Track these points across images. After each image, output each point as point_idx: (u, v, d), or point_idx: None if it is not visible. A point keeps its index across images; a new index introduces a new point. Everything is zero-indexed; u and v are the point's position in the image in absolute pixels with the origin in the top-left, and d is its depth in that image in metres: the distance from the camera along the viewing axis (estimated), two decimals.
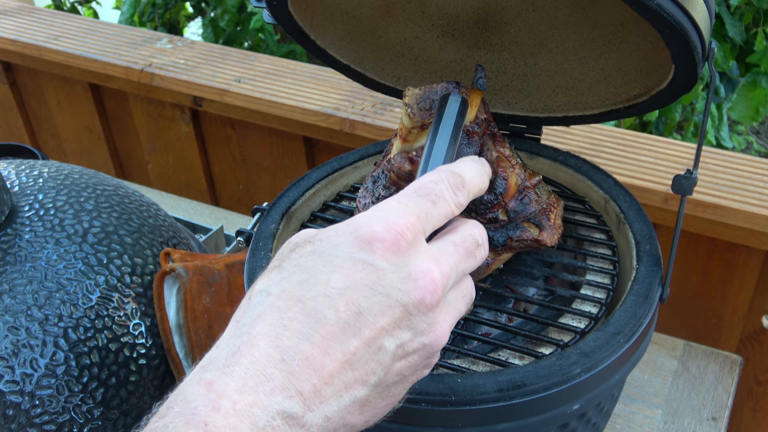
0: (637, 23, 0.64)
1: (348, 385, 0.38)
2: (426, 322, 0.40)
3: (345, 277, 0.38)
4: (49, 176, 0.78)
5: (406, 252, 0.39)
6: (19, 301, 0.67)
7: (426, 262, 0.40)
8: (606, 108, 0.73)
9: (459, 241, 0.43)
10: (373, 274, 0.38)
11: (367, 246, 0.39)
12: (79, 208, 0.75)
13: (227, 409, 0.34)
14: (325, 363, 0.37)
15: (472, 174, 0.46)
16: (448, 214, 0.43)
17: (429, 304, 0.39)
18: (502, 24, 0.73)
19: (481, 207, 0.62)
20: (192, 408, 0.34)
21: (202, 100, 1.32)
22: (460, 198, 0.44)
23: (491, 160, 0.63)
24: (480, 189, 0.47)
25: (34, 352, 0.65)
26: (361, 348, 0.38)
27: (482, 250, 0.45)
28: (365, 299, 0.38)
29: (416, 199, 0.42)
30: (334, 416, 0.38)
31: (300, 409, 0.36)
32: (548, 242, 0.63)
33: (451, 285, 0.41)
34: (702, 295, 1.08)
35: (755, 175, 1.01)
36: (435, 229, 0.43)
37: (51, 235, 0.71)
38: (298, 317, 0.37)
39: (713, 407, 0.87)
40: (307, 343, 0.37)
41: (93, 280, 0.70)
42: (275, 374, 0.36)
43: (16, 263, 0.68)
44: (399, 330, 0.39)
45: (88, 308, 0.69)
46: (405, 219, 0.40)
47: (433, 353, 0.41)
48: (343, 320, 0.37)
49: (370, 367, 0.38)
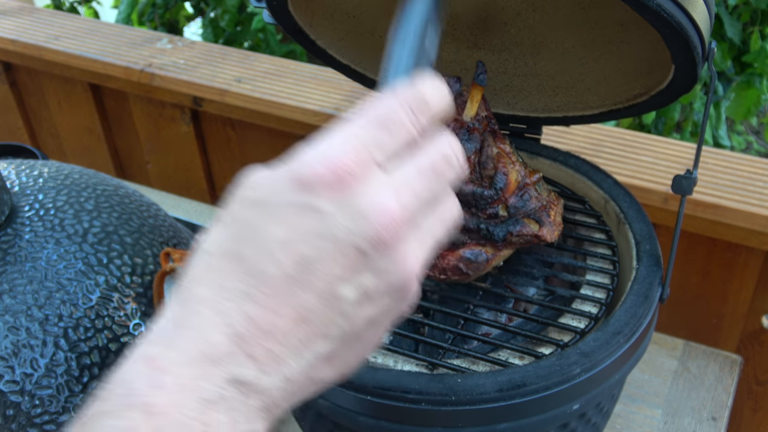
0: (637, 23, 0.64)
1: (306, 342, 0.34)
2: (388, 260, 0.35)
3: (286, 227, 0.34)
4: (49, 176, 0.78)
5: (353, 188, 0.34)
6: (19, 301, 0.67)
7: (380, 195, 0.35)
8: (606, 108, 0.73)
9: (424, 163, 0.37)
10: (316, 218, 0.34)
11: (308, 188, 0.34)
12: (79, 208, 0.75)
13: (170, 386, 0.32)
14: (275, 322, 0.33)
15: (435, 95, 0.39)
16: (407, 141, 0.37)
17: (387, 242, 0.34)
18: (502, 24, 0.73)
19: (482, 202, 0.62)
20: (132, 389, 0.32)
21: (202, 100, 1.32)
22: (423, 122, 0.38)
23: (492, 156, 0.63)
24: (444, 110, 0.40)
25: (34, 352, 0.65)
26: (314, 301, 0.34)
27: (454, 167, 0.39)
28: (311, 248, 0.34)
29: (367, 127, 0.36)
30: (296, 376, 0.35)
31: (253, 374, 0.33)
32: (548, 238, 0.63)
33: (416, 215, 0.36)
34: (702, 295, 1.08)
35: (755, 175, 1.01)
36: (393, 162, 0.37)
37: (51, 235, 0.71)
38: (237, 276, 0.34)
39: (713, 407, 0.87)
40: (250, 303, 0.33)
41: (93, 280, 0.70)
42: (221, 341, 0.33)
43: (16, 263, 0.68)
44: (357, 275, 0.34)
45: (88, 308, 0.69)
46: (351, 152, 0.35)
47: (405, 290, 0.36)
48: (287, 274, 0.34)
49: (328, 318, 0.35)
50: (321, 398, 0.58)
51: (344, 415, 0.57)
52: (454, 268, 0.63)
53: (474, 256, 0.62)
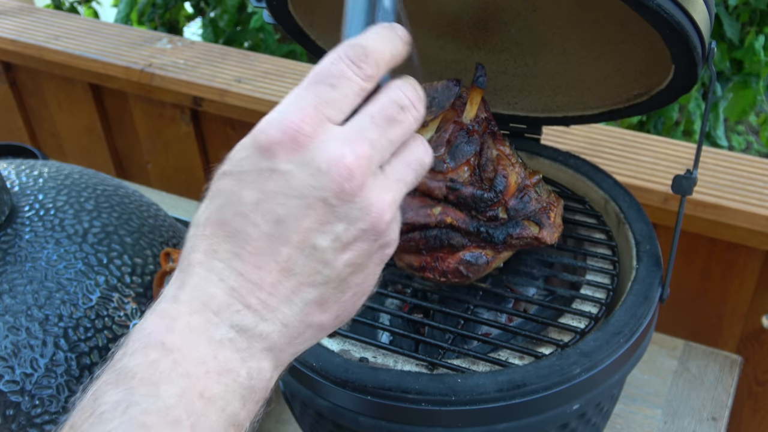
0: (637, 23, 0.64)
1: (294, 291, 0.38)
2: (356, 207, 0.38)
3: (255, 191, 0.37)
4: (49, 176, 0.78)
5: (308, 147, 0.37)
6: (19, 301, 0.67)
7: (335, 149, 0.37)
8: (606, 108, 0.73)
9: (377, 111, 0.39)
10: (281, 179, 0.37)
11: (268, 152, 0.37)
12: (79, 208, 0.75)
13: (181, 329, 0.36)
14: (262, 276, 0.37)
15: (377, 40, 0.40)
16: (356, 92, 0.39)
17: (350, 191, 0.37)
18: (502, 24, 0.73)
19: (481, 205, 0.62)
20: (148, 333, 0.36)
21: (202, 100, 1.32)
22: (366, 70, 0.39)
23: (492, 159, 0.63)
24: (393, 54, 0.41)
25: (34, 352, 0.65)
26: (293, 253, 0.38)
27: (410, 111, 0.40)
28: (281, 206, 0.37)
29: (311, 87, 0.38)
30: (292, 321, 0.38)
31: (251, 321, 0.37)
32: (548, 240, 0.63)
33: (376, 161, 0.38)
34: (702, 295, 1.08)
35: (755, 175, 1.01)
36: (348, 113, 0.39)
37: (51, 235, 0.71)
38: (223, 240, 0.38)
39: (713, 407, 0.87)
40: (237, 261, 0.37)
41: (93, 280, 0.70)
42: (217, 293, 0.37)
43: (17, 263, 0.68)
44: (328, 225, 0.38)
45: (88, 308, 0.69)
46: (300, 112, 0.37)
47: (380, 233, 0.39)
48: (265, 233, 0.37)
49: (310, 267, 0.38)
50: (321, 398, 0.58)
51: (344, 415, 0.57)
52: (455, 270, 0.63)
53: (474, 259, 0.62)
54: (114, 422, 0.33)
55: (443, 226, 0.62)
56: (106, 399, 0.34)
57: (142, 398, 0.34)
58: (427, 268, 0.63)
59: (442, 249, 0.63)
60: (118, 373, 0.35)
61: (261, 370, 0.38)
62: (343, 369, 0.57)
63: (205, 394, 0.35)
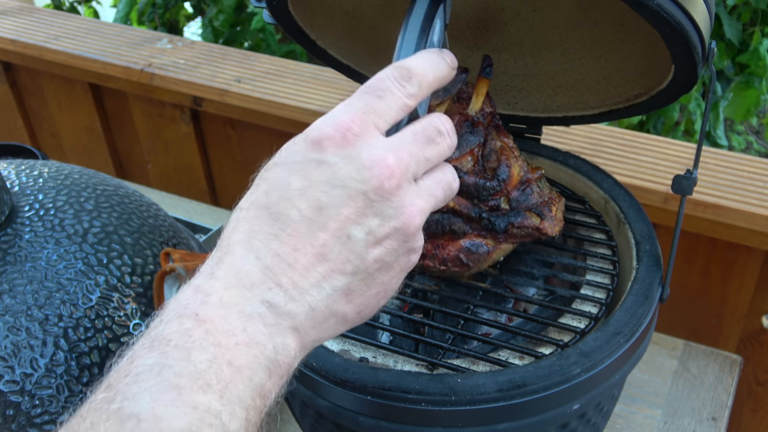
0: (637, 23, 0.64)
1: (325, 276, 0.40)
2: (391, 206, 0.41)
3: (302, 178, 0.41)
4: (49, 176, 0.78)
5: (355, 144, 0.41)
6: (19, 301, 0.67)
7: (379, 151, 0.41)
8: (606, 108, 0.73)
9: (418, 130, 0.44)
10: (327, 170, 0.40)
11: (318, 146, 0.41)
12: (79, 208, 0.75)
13: (215, 302, 0.38)
14: (297, 258, 0.40)
15: (421, 63, 0.46)
16: (399, 106, 0.43)
17: (389, 189, 0.41)
18: (502, 24, 0.73)
19: (484, 193, 0.62)
20: (183, 305, 0.38)
21: (202, 100, 1.32)
22: (409, 89, 0.44)
23: (495, 149, 0.63)
24: (437, 77, 0.46)
25: (34, 352, 0.65)
26: (329, 240, 0.40)
27: (445, 138, 0.45)
28: (324, 194, 0.40)
29: (361, 96, 0.43)
30: (319, 305, 0.40)
31: (282, 299, 0.39)
32: (549, 231, 0.63)
33: (412, 171, 0.43)
34: (702, 295, 1.08)
35: (755, 175, 1.01)
36: (392, 124, 0.43)
37: (51, 235, 0.71)
38: (265, 222, 0.40)
39: (713, 407, 0.87)
40: (275, 241, 0.40)
41: (93, 280, 0.70)
42: (252, 270, 0.39)
43: (16, 263, 0.68)
44: (365, 218, 0.41)
45: (88, 308, 0.69)
46: (350, 114, 0.41)
47: (409, 236, 0.43)
48: (306, 217, 0.40)
49: (343, 256, 0.41)
50: (321, 398, 0.58)
51: (344, 415, 0.57)
52: (455, 258, 0.62)
53: (475, 247, 0.62)
54: (149, 382, 0.35)
55: (445, 210, 0.62)
56: (142, 362, 0.36)
57: (175, 362, 0.36)
58: (427, 256, 0.63)
59: (443, 236, 0.62)
60: (153, 339, 0.37)
61: (286, 346, 0.39)
62: (343, 369, 0.57)
63: (234, 363, 0.37)
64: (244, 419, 0.37)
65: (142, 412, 0.34)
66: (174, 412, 0.34)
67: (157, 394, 0.34)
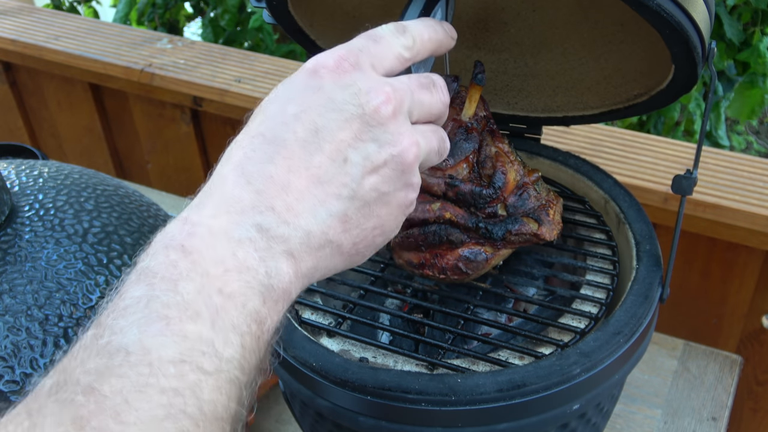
0: (637, 23, 0.64)
1: (321, 200, 0.40)
2: (388, 132, 0.41)
3: (298, 104, 0.40)
4: (49, 176, 0.78)
5: (351, 73, 0.41)
6: (19, 301, 0.67)
7: (375, 81, 0.41)
8: (606, 108, 0.73)
9: (414, 77, 0.45)
10: (323, 95, 0.40)
11: (314, 74, 0.41)
12: (79, 208, 0.75)
13: (202, 233, 0.37)
14: (291, 179, 0.39)
15: (418, 22, 0.47)
16: (395, 54, 0.44)
17: (386, 114, 0.41)
18: (502, 24, 0.73)
19: (480, 201, 0.62)
20: (169, 237, 0.37)
21: (202, 100, 1.32)
22: (404, 40, 0.45)
23: (490, 156, 0.63)
24: (432, 38, 0.47)
25: (34, 352, 0.65)
26: (325, 162, 0.40)
27: (439, 90, 0.46)
28: (320, 117, 0.40)
29: (358, 39, 0.44)
30: (314, 230, 0.40)
31: (274, 222, 0.38)
32: (547, 237, 0.63)
33: (408, 106, 0.42)
34: (702, 295, 1.08)
35: (755, 175, 1.01)
36: (388, 71, 0.44)
37: (51, 235, 0.71)
38: (260, 147, 0.40)
39: (713, 407, 0.87)
40: (269, 165, 0.39)
41: (93, 280, 0.70)
42: (243, 195, 0.38)
43: (16, 263, 0.68)
44: (361, 142, 0.40)
45: (88, 308, 0.69)
46: (347, 48, 0.42)
47: (406, 167, 0.42)
48: (302, 139, 0.40)
49: (339, 179, 0.40)
50: (321, 398, 0.58)
51: (344, 415, 0.57)
52: (454, 267, 0.63)
53: (473, 256, 0.62)
54: (136, 315, 0.34)
55: (442, 221, 0.62)
56: (129, 294, 0.36)
57: (162, 293, 0.35)
58: (426, 265, 0.63)
59: (441, 246, 0.63)
60: (140, 273, 0.37)
61: (279, 270, 0.38)
62: (343, 369, 0.57)
63: (225, 290, 0.36)
64: (239, 345, 0.36)
65: (130, 345, 0.33)
66: (163, 342, 0.34)
67: (144, 326, 0.34)
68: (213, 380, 0.34)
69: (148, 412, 0.32)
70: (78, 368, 0.33)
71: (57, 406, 0.32)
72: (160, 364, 0.33)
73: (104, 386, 0.32)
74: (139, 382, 0.32)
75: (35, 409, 0.32)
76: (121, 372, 0.32)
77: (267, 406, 0.89)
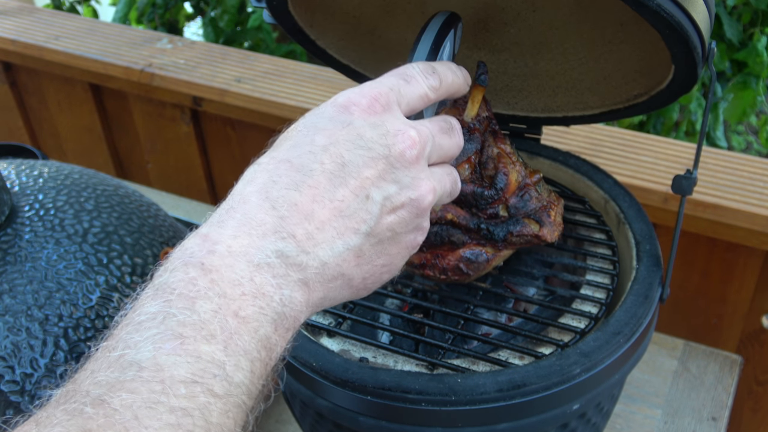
0: (637, 23, 0.64)
1: (340, 232, 0.41)
2: (409, 176, 0.43)
3: (327, 136, 0.41)
4: (49, 176, 0.78)
5: (381, 114, 0.43)
6: (19, 301, 0.67)
7: (402, 124, 0.43)
8: (606, 108, 0.73)
9: (435, 121, 0.47)
10: (353, 131, 0.42)
11: (345, 109, 0.42)
12: (79, 208, 0.75)
13: (222, 252, 0.37)
14: (315, 209, 0.40)
15: (444, 67, 0.49)
16: (420, 94, 0.46)
17: (410, 158, 0.42)
18: (502, 24, 0.73)
19: (482, 202, 0.62)
20: (189, 254, 0.37)
21: (202, 100, 1.32)
22: (431, 81, 0.47)
23: (492, 157, 0.63)
24: (453, 83, 0.49)
25: (34, 352, 0.65)
26: (348, 196, 0.41)
27: (457, 134, 0.48)
28: (348, 152, 0.41)
29: (389, 77, 0.45)
30: (330, 262, 0.40)
31: (294, 250, 0.39)
32: (548, 238, 0.63)
33: (428, 151, 0.44)
34: (702, 295, 1.08)
35: (755, 175, 1.01)
36: (412, 110, 0.46)
37: (51, 235, 0.71)
38: (286, 173, 0.40)
39: (713, 407, 0.87)
40: (295, 192, 0.40)
41: (93, 280, 0.70)
42: (266, 219, 0.39)
43: (17, 263, 0.68)
44: (384, 182, 0.42)
45: (88, 308, 0.69)
46: (378, 88, 0.44)
47: (420, 211, 0.44)
48: (329, 171, 0.40)
49: (360, 215, 0.41)
50: (321, 398, 0.58)
51: (344, 415, 0.57)
52: (455, 268, 0.63)
53: (474, 257, 0.62)
54: (151, 331, 0.34)
55: (444, 222, 0.62)
56: (145, 310, 0.36)
57: (179, 311, 0.35)
58: (427, 266, 0.63)
59: (442, 246, 0.63)
60: (157, 288, 0.36)
61: (293, 299, 0.39)
62: (343, 369, 0.57)
63: (240, 314, 0.36)
64: (248, 371, 0.36)
65: (144, 361, 0.33)
66: (176, 361, 0.34)
67: (159, 343, 0.34)
68: (222, 404, 0.34)
69: (158, 431, 0.32)
70: (88, 379, 0.33)
71: (65, 416, 0.32)
72: (171, 383, 0.33)
73: (114, 399, 0.32)
74: (150, 399, 0.32)
75: (43, 417, 0.32)
76: (133, 387, 0.32)
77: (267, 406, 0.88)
